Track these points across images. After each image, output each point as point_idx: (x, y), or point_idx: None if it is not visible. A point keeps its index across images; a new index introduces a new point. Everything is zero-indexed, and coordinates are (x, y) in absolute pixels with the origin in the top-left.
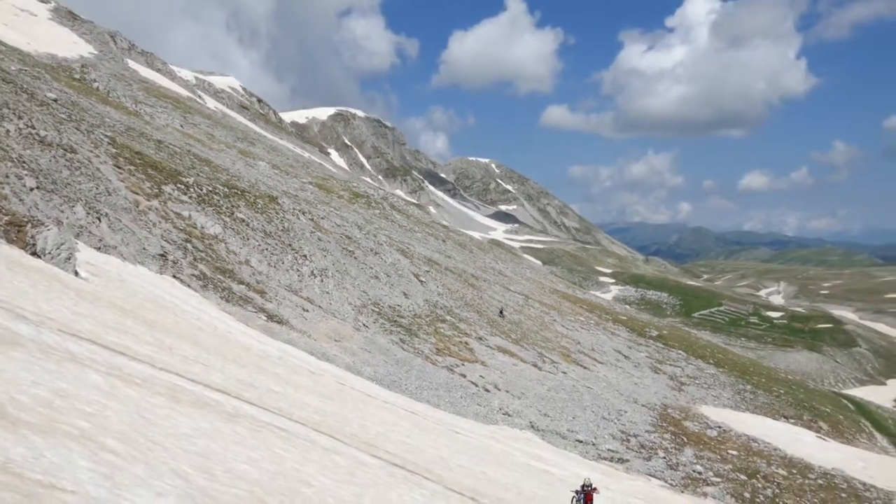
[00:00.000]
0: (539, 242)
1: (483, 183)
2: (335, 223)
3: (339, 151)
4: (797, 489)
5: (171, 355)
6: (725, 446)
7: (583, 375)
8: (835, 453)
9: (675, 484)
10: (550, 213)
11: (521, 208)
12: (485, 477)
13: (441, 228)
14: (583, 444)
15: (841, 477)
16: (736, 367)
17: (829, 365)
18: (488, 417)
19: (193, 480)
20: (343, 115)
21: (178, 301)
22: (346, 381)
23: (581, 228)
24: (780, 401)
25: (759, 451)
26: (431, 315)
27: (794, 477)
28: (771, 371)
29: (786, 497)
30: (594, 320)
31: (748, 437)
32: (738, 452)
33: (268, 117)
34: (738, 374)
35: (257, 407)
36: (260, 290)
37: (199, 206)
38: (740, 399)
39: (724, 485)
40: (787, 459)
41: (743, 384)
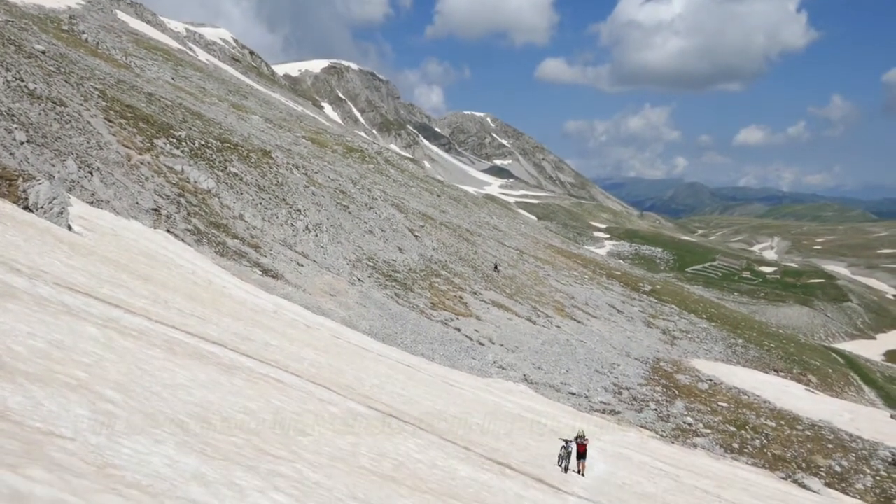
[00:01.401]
0: (534, 197)
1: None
2: (329, 178)
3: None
4: (785, 440)
5: (167, 309)
6: (716, 399)
7: (577, 329)
8: (823, 405)
9: (666, 435)
10: (546, 167)
11: (516, 163)
12: (479, 428)
13: (436, 183)
14: (576, 396)
15: (828, 428)
16: (728, 321)
17: (820, 319)
18: (482, 370)
19: (191, 429)
20: (336, 67)
21: (173, 255)
22: (341, 334)
23: (576, 183)
24: (771, 355)
25: (748, 404)
26: (426, 270)
27: (783, 428)
28: (762, 325)
29: (773, 448)
30: (588, 275)
31: (738, 389)
32: (728, 405)
33: (260, 70)
34: (730, 328)
35: (254, 359)
36: (254, 245)
37: (192, 161)
38: (732, 353)
39: (714, 436)
40: (776, 411)
41: (734, 338)
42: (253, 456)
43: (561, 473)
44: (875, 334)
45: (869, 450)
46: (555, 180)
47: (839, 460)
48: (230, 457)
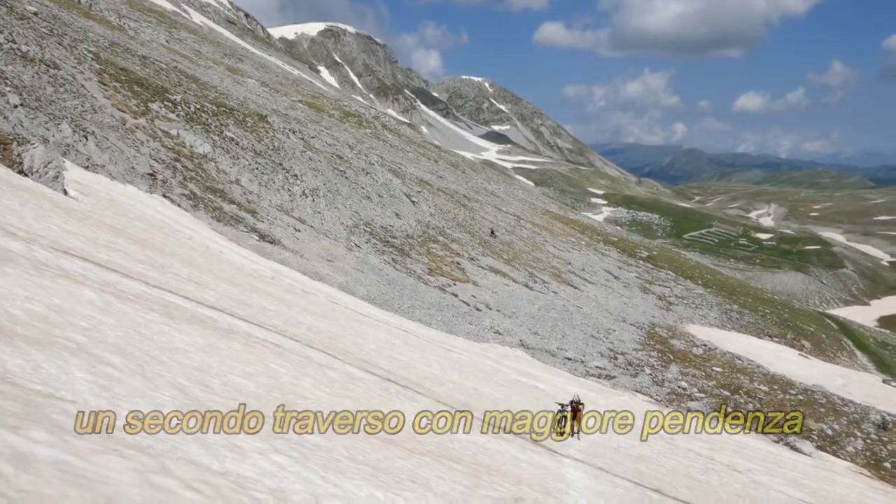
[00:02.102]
0: (532, 163)
1: (476, 102)
2: (326, 143)
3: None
4: (778, 404)
5: (164, 273)
6: (710, 364)
7: (573, 295)
8: (816, 370)
9: (661, 399)
10: (544, 133)
11: (514, 128)
12: (475, 392)
13: (433, 148)
14: (572, 361)
15: (821, 393)
16: (724, 287)
17: (815, 286)
18: (479, 336)
19: (191, 392)
20: (333, 31)
21: (169, 220)
22: (338, 300)
23: (574, 149)
24: (766, 320)
25: (742, 369)
26: (423, 235)
27: (776, 393)
28: (758, 291)
29: (766, 411)
30: (585, 241)
31: (733, 354)
32: (722, 369)
33: (256, 33)
34: (725, 294)
35: (251, 324)
36: (251, 210)
37: (188, 125)
38: (727, 318)
39: (708, 400)
40: (770, 376)
41: (730, 304)
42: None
43: (557, 436)
44: (869, 300)
45: (860, 413)
46: (552, 146)
47: (831, 424)
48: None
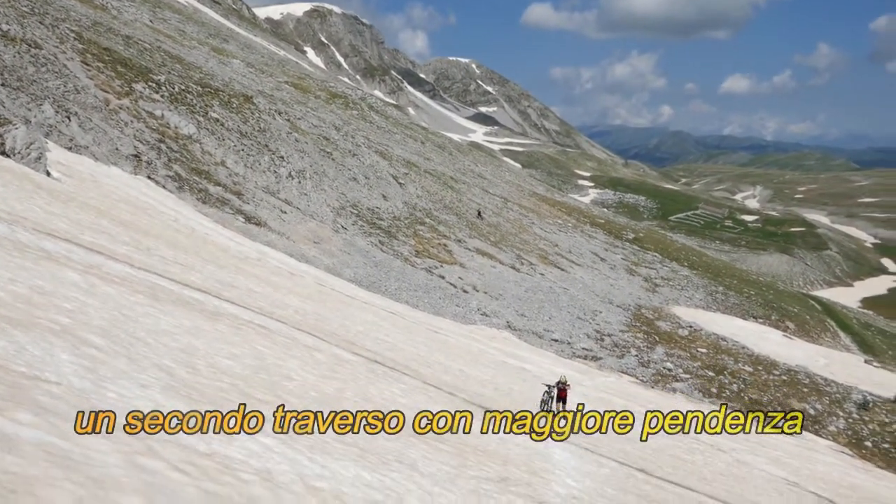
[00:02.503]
0: (519, 145)
1: (463, 84)
2: (312, 124)
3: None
4: (761, 384)
5: (149, 255)
6: (695, 345)
7: (560, 277)
8: (799, 351)
9: (646, 380)
10: (531, 115)
11: (501, 110)
12: (462, 374)
13: (420, 130)
14: (558, 343)
15: (804, 373)
16: (709, 269)
17: (800, 267)
18: (466, 317)
19: (177, 374)
20: (319, 10)
21: (154, 202)
22: (325, 282)
23: (561, 131)
24: (750, 301)
25: (727, 350)
26: (410, 217)
27: (760, 373)
28: (743, 273)
29: (750, 392)
30: (572, 223)
31: (717, 336)
32: (707, 351)
33: (241, 13)
34: (710, 275)
35: (238, 306)
36: (237, 192)
37: (172, 106)
38: (712, 300)
39: (693, 381)
40: (754, 357)
41: (715, 286)
42: (239, 400)
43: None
44: (853, 282)
45: (842, 393)
46: (540, 128)
47: (814, 404)
48: (216, 401)
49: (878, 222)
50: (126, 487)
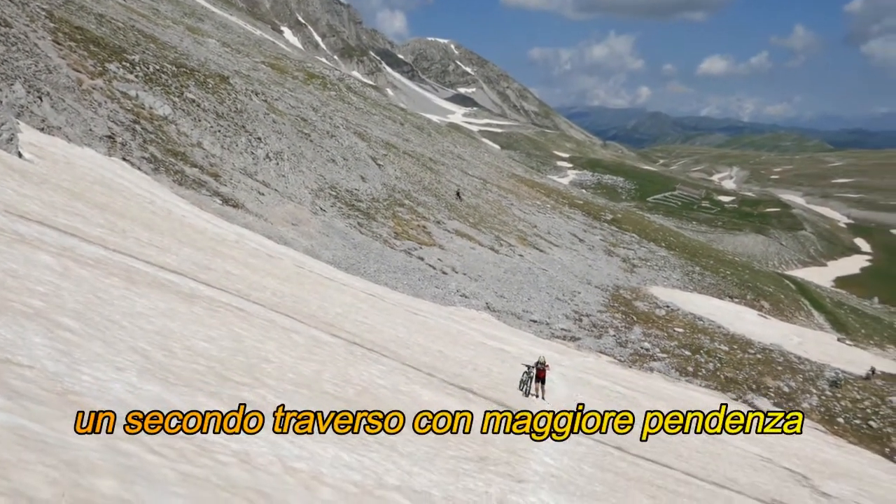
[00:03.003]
0: (498, 126)
1: (442, 65)
2: (290, 105)
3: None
4: (737, 363)
5: (125, 238)
6: (672, 324)
7: (538, 258)
8: (774, 330)
9: (624, 360)
10: (510, 96)
11: (480, 91)
12: (442, 355)
13: (398, 111)
14: (537, 323)
15: (778, 351)
16: (686, 249)
17: (775, 247)
18: (446, 299)
19: (152, 357)
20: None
21: (129, 184)
22: (304, 264)
23: (540, 112)
24: (726, 281)
25: (703, 329)
26: (389, 199)
27: (735, 352)
28: (719, 253)
29: (726, 370)
30: (551, 204)
31: (694, 315)
32: (683, 330)
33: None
34: (687, 256)
35: (215, 288)
36: (214, 174)
37: (147, 86)
38: (689, 280)
39: (670, 360)
40: (730, 336)
41: (692, 266)
42: (216, 382)
43: (522, 397)
44: (826, 261)
45: (816, 371)
46: (519, 109)
47: (787, 381)
48: (193, 383)
49: (852, 203)
50: (101, 470)
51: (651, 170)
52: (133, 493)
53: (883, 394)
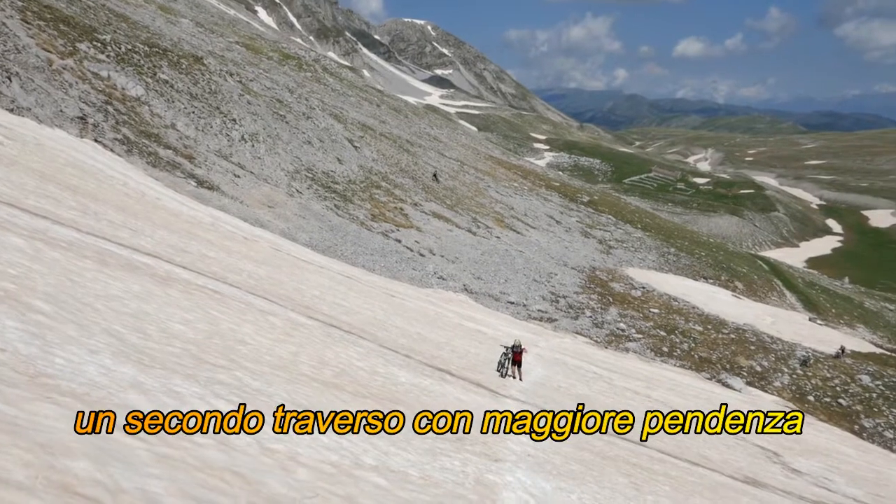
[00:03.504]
0: (475, 108)
1: (419, 46)
2: (265, 86)
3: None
4: (711, 343)
5: (97, 220)
6: (648, 305)
7: (515, 240)
8: (747, 310)
9: (600, 340)
10: (487, 78)
11: (457, 73)
12: (419, 336)
13: (375, 93)
14: (514, 305)
15: (751, 331)
16: (662, 231)
17: (749, 228)
18: (423, 281)
19: (127, 339)
20: None
21: (102, 166)
22: (280, 246)
23: (517, 94)
24: (701, 262)
25: (678, 310)
26: (366, 181)
27: (709, 332)
28: (694, 235)
29: (700, 350)
30: (528, 186)
31: (669, 296)
32: (659, 311)
33: None
34: (663, 237)
35: (190, 271)
36: (188, 156)
37: (119, 66)
38: (664, 261)
39: (645, 340)
40: (704, 316)
41: (667, 247)
42: (192, 365)
43: (499, 378)
44: (799, 242)
45: (787, 350)
46: (496, 91)
47: (760, 361)
48: (168, 365)
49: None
50: (76, 452)
51: (627, 152)
52: (107, 475)
53: (852, 372)
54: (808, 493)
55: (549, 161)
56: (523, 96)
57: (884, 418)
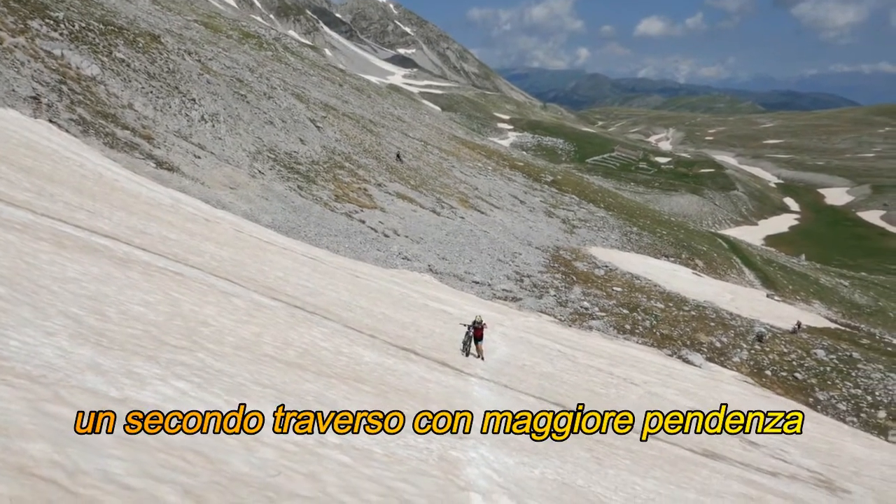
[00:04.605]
0: (438, 88)
1: (381, 25)
2: (224, 65)
3: None
4: (672, 320)
5: (53, 202)
6: (611, 284)
7: (480, 220)
8: (707, 287)
9: (564, 319)
10: (450, 57)
11: (420, 52)
12: (384, 317)
13: (337, 72)
14: (479, 285)
15: (711, 308)
16: (624, 210)
17: (709, 207)
18: (388, 262)
19: (85, 321)
20: None
21: (58, 147)
22: (243, 228)
23: (481, 74)
24: (663, 241)
25: (640, 288)
26: (329, 161)
27: (671, 309)
28: (656, 214)
29: (661, 328)
30: (492, 166)
31: (632, 274)
32: (622, 289)
33: None
34: (626, 217)
35: (150, 253)
36: (147, 136)
37: (73, 45)
38: (627, 240)
39: (608, 318)
40: (666, 294)
41: (630, 226)
42: (152, 346)
43: (464, 357)
44: (757, 220)
45: (746, 326)
46: (459, 70)
47: (720, 337)
48: (128, 347)
49: (782, 163)
50: (32, 434)
51: (590, 131)
52: (65, 456)
53: (808, 346)
54: (765, 465)
55: (513, 141)
56: (486, 76)
57: (837, 391)
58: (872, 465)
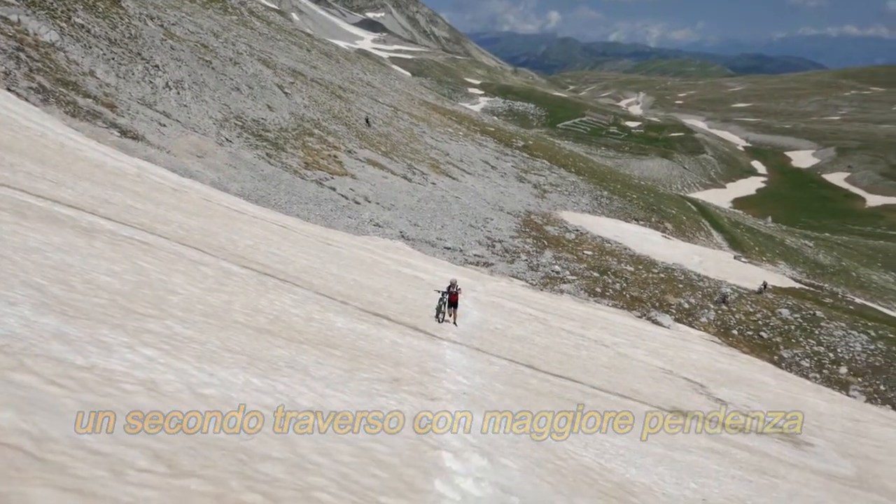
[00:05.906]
0: (408, 53)
1: None
2: (188, 30)
3: None
4: (642, 282)
5: (13, 172)
6: (582, 248)
7: (451, 186)
8: (676, 250)
9: (536, 283)
10: (420, 21)
11: (389, 16)
12: (356, 284)
13: (305, 37)
14: (451, 250)
15: (680, 270)
16: (595, 174)
17: (678, 171)
18: (359, 229)
19: (49, 291)
20: None
21: (17, 116)
22: (211, 197)
23: (451, 38)
24: (633, 205)
25: (611, 251)
26: (298, 128)
27: (640, 272)
28: (626, 178)
29: (631, 290)
30: (463, 132)
31: (602, 238)
32: (592, 253)
33: None
34: (596, 181)
35: (115, 222)
36: (110, 104)
37: (29, 10)
38: (597, 204)
39: (579, 282)
40: (635, 257)
41: (600, 191)
42: (119, 315)
43: (436, 323)
44: (725, 183)
45: (713, 288)
46: (429, 35)
47: (688, 298)
48: (94, 316)
49: (750, 126)
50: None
51: (561, 96)
52: (32, 424)
53: (773, 306)
54: (731, 421)
55: (484, 106)
56: (457, 40)
57: (801, 348)
58: (834, 419)
